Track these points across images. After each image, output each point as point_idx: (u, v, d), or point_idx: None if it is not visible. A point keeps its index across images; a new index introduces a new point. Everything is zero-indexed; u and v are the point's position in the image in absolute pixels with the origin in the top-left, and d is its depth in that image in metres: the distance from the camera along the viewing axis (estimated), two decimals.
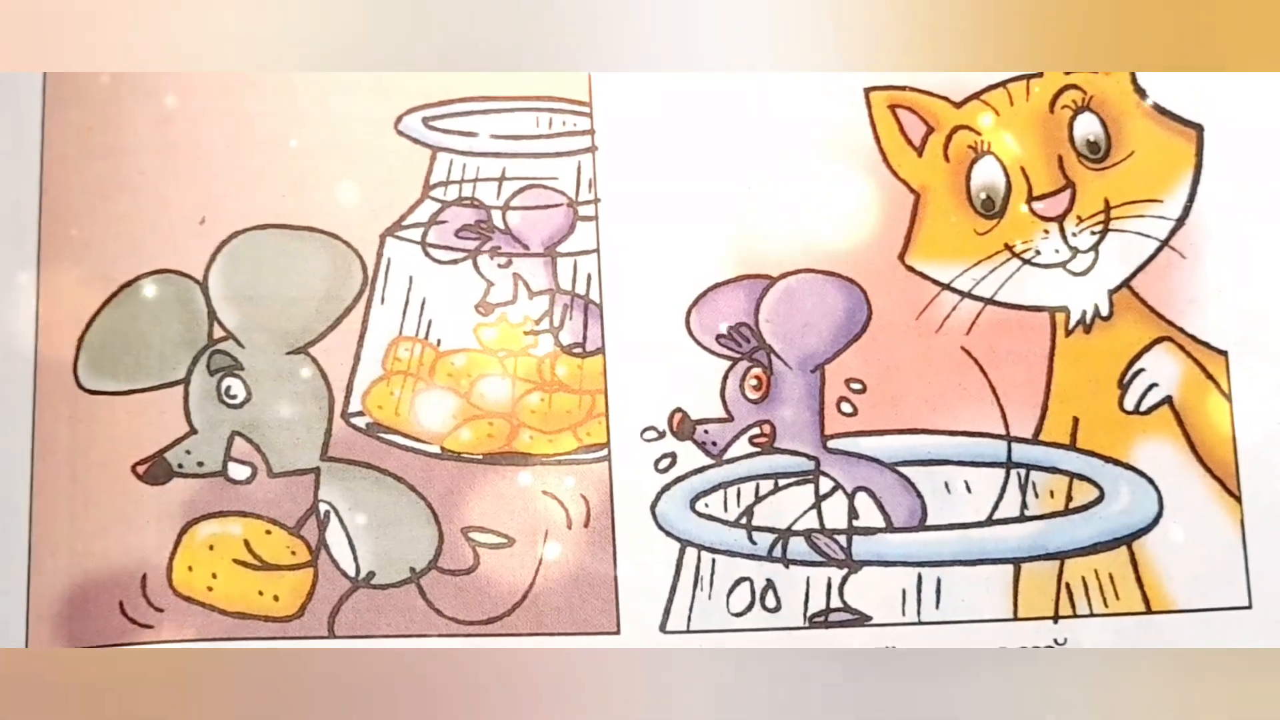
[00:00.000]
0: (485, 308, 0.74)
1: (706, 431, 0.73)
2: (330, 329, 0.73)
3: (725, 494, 0.73)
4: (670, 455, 0.73)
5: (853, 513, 0.72)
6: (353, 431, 0.73)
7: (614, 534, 0.72)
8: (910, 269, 0.73)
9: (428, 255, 0.74)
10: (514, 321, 0.74)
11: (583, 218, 0.74)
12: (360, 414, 0.73)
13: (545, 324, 0.74)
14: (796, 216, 0.74)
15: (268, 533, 0.72)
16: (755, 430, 0.73)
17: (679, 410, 0.73)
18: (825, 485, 0.72)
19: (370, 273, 0.74)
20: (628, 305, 0.73)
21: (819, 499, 0.72)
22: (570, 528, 0.72)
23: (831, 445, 0.73)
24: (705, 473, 0.73)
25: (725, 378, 0.73)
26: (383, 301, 0.74)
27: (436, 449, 0.73)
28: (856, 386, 0.73)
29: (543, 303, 0.74)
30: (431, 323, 0.74)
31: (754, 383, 0.73)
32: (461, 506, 0.73)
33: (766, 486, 0.73)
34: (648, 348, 0.73)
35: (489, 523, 0.73)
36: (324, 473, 0.73)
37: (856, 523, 0.72)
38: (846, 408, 0.73)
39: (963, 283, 0.73)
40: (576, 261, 0.74)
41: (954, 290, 0.73)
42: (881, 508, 0.72)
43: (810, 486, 0.72)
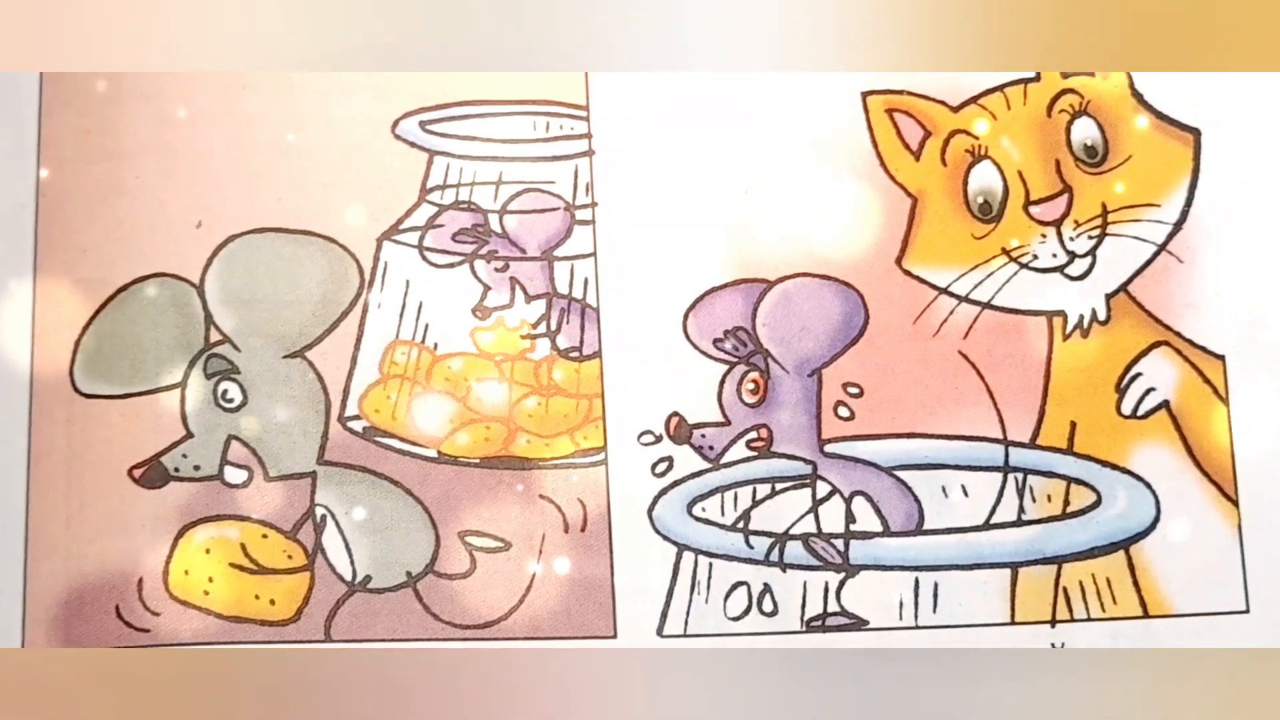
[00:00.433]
0: (482, 311, 0.74)
1: (704, 435, 0.73)
2: (327, 333, 0.73)
3: (722, 498, 0.73)
4: (667, 459, 0.73)
5: (850, 517, 0.72)
6: (349, 435, 0.73)
7: (611, 538, 0.72)
8: (907, 273, 0.73)
9: (424, 259, 0.74)
10: (511, 325, 0.74)
11: (580, 222, 0.74)
12: (357, 418, 0.73)
13: (542, 328, 0.74)
14: (794, 220, 0.74)
15: (264, 536, 0.72)
16: (752, 434, 0.73)
17: (676, 414, 0.73)
18: (822, 489, 0.72)
19: (367, 276, 0.74)
20: (625, 309, 0.73)
21: (816, 503, 0.72)
22: (567, 532, 0.72)
23: (829, 449, 0.73)
24: (702, 477, 0.73)
25: (722, 382, 0.73)
26: (379, 305, 0.74)
27: (433, 453, 0.73)
28: (854, 391, 0.73)
29: (540, 307, 0.74)
30: (428, 327, 0.74)
31: (751, 387, 0.73)
32: (458, 510, 0.72)
33: (763, 490, 0.72)
34: (645, 351, 0.73)
35: (485, 527, 0.72)
36: (320, 476, 0.73)
37: (854, 527, 0.72)
38: (844, 412, 0.73)
39: (960, 287, 0.73)
40: (573, 265, 0.74)
41: (951, 294, 0.73)
42: (879, 512, 0.72)
43: (807, 490, 0.72)
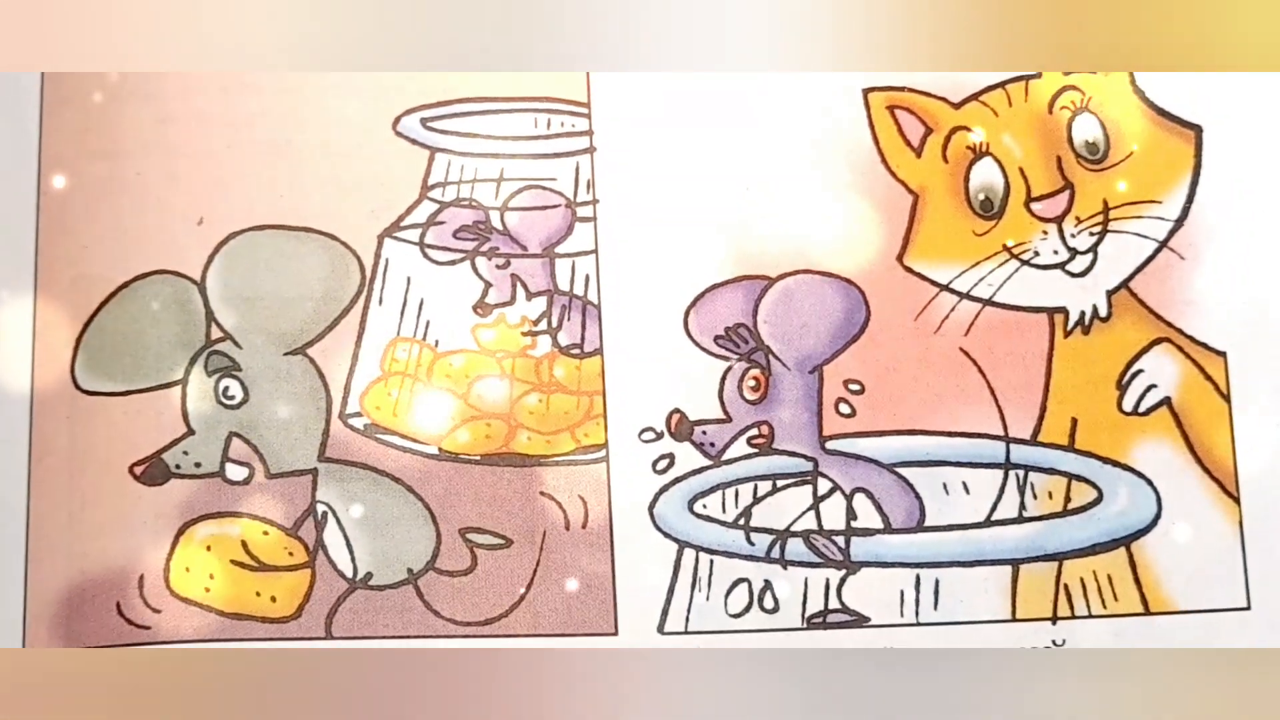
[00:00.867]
0: (483, 309, 0.74)
1: (705, 432, 0.73)
2: (328, 330, 0.73)
3: (723, 495, 0.73)
4: (668, 456, 0.73)
5: (851, 514, 0.72)
6: (350, 432, 0.73)
7: (612, 535, 0.72)
8: (909, 270, 0.73)
9: (426, 256, 0.74)
10: (512, 322, 0.74)
11: (581, 219, 0.74)
12: (358, 415, 0.73)
13: (543, 325, 0.74)
14: (795, 217, 0.74)
15: (265, 534, 0.72)
16: (753, 431, 0.73)
17: (677, 411, 0.73)
18: (823, 486, 0.72)
19: (368, 273, 0.74)
20: (626, 306, 0.73)
21: (817, 500, 0.72)
22: (568, 529, 0.72)
23: (830, 446, 0.73)
24: (703, 474, 0.73)
25: (723, 379, 0.73)
26: (380, 302, 0.74)
27: (434, 450, 0.73)
28: (855, 387, 0.73)
29: (541, 304, 0.74)
30: (429, 324, 0.74)
31: (752, 384, 0.73)
32: (459, 507, 0.72)
33: (765, 487, 0.72)
34: (646, 349, 0.73)
35: (487, 524, 0.72)
36: (321, 473, 0.73)
37: (855, 524, 0.72)
38: (845, 408, 0.73)
39: (961, 284, 0.73)
40: (575, 262, 0.74)
41: (952, 291, 0.73)
42: (880, 509, 0.72)
43: (808, 487, 0.72)
